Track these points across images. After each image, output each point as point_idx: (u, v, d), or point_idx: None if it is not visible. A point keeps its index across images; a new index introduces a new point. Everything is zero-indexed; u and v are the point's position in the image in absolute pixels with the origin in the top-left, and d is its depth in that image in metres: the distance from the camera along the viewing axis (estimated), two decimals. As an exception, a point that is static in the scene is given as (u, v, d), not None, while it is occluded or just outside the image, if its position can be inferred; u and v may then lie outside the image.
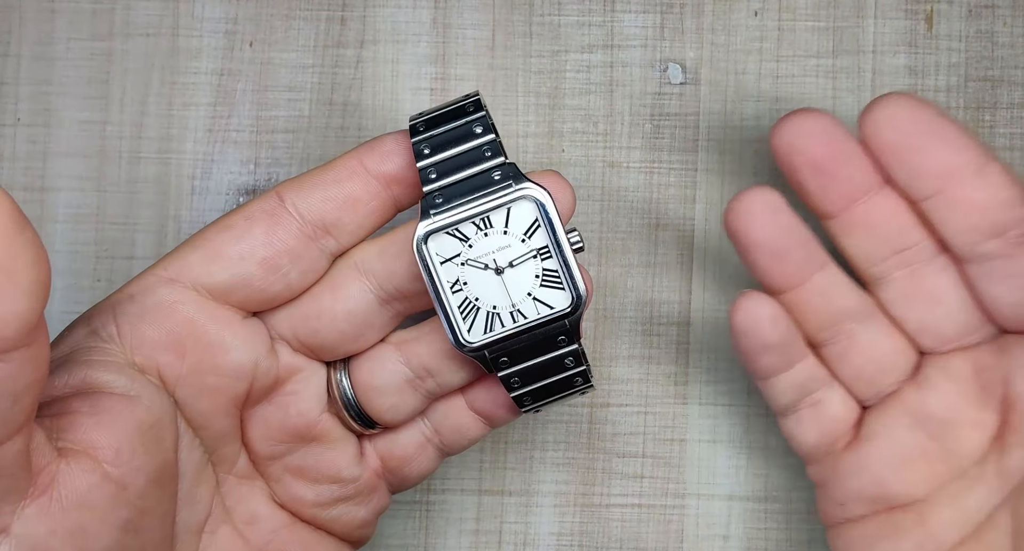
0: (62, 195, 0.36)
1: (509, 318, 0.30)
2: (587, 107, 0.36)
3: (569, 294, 0.30)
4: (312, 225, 0.30)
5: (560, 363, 0.30)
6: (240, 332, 0.30)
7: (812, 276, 0.30)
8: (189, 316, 0.29)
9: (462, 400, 0.32)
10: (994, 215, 0.29)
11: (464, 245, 0.30)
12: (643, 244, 0.36)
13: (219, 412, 0.30)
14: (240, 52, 0.36)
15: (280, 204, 0.30)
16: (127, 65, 0.36)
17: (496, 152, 0.29)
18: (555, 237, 0.29)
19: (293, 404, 0.31)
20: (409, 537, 0.36)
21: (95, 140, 0.36)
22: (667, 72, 0.36)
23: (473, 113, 0.30)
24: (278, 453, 0.31)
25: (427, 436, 0.32)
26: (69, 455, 0.26)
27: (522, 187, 0.29)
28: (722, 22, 0.36)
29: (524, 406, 0.31)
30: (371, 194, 0.30)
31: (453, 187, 0.29)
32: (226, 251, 0.29)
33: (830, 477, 0.32)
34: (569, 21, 0.36)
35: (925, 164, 0.29)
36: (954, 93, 0.36)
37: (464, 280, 0.30)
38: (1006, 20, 0.36)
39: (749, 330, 0.30)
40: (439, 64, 0.36)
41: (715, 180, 0.36)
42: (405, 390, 0.31)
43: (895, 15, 0.36)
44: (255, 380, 0.30)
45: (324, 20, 0.36)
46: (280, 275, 0.29)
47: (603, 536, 0.36)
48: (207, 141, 0.36)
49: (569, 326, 0.30)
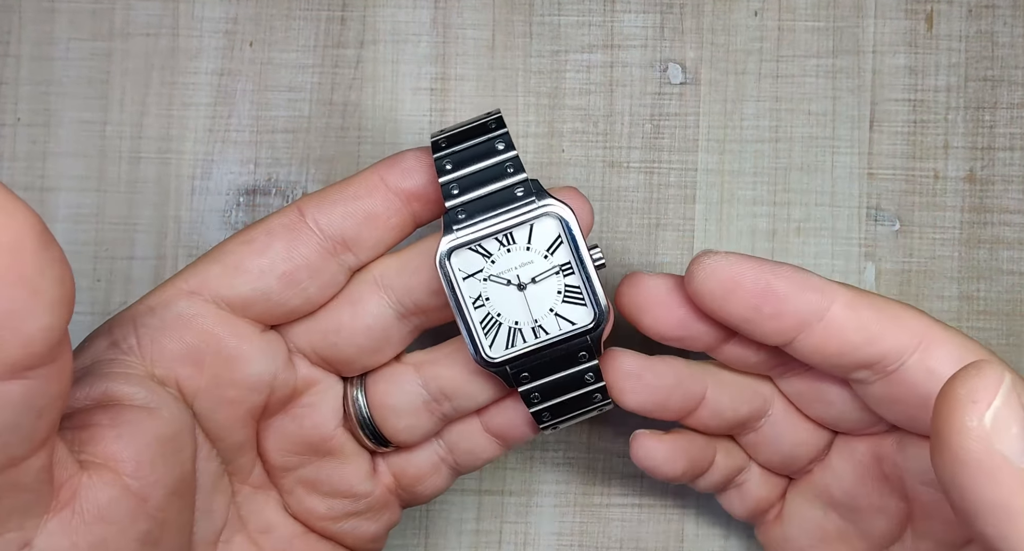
0: (62, 195, 0.36)
1: (531, 334, 0.30)
2: (587, 107, 0.36)
3: (592, 310, 0.30)
4: (332, 240, 0.30)
5: (580, 379, 0.30)
6: (258, 345, 0.30)
7: (694, 412, 0.32)
8: (209, 329, 0.29)
9: (477, 422, 0.32)
10: (853, 358, 0.29)
11: (487, 261, 0.30)
12: (643, 244, 0.36)
13: (236, 424, 0.30)
14: (240, 52, 0.36)
15: (301, 219, 0.30)
16: (127, 65, 0.36)
17: (518, 168, 0.29)
18: (578, 254, 0.29)
19: (309, 416, 0.31)
20: (409, 537, 0.36)
21: (95, 140, 0.36)
22: (667, 72, 0.36)
23: (495, 130, 0.30)
24: (292, 465, 0.31)
25: (441, 456, 0.32)
26: (91, 468, 0.26)
27: (545, 204, 0.29)
28: (722, 22, 0.36)
29: (543, 422, 0.31)
30: (391, 210, 0.30)
31: (476, 203, 0.29)
32: (246, 265, 0.29)
33: (767, 544, 0.34)
34: (569, 21, 0.36)
35: (768, 326, 0.29)
36: (954, 93, 0.36)
37: (486, 296, 0.30)
38: (1006, 20, 0.36)
39: (652, 469, 0.32)
40: (439, 64, 0.36)
41: (715, 180, 0.36)
42: (421, 412, 0.31)
43: (895, 15, 0.36)
44: (272, 392, 0.30)
45: (324, 20, 0.36)
46: (299, 289, 0.29)
47: (603, 536, 0.36)
48: (207, 141, 0.36)
49: (591, 342, 0.30)
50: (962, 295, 0.36)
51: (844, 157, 0.36)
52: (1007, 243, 0.36)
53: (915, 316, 0.29)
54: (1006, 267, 0.36)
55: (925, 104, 0.36)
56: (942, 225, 0.36)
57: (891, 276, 0.36)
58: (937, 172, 0.36)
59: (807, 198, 0.36)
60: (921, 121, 0.36)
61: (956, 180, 0.36)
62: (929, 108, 0.36)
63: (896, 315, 0.29)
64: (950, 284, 0.36)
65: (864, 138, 0.36)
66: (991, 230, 0.36)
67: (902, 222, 0.36)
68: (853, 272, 0.36)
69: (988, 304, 0.36)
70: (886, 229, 0.36)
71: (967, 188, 0.36)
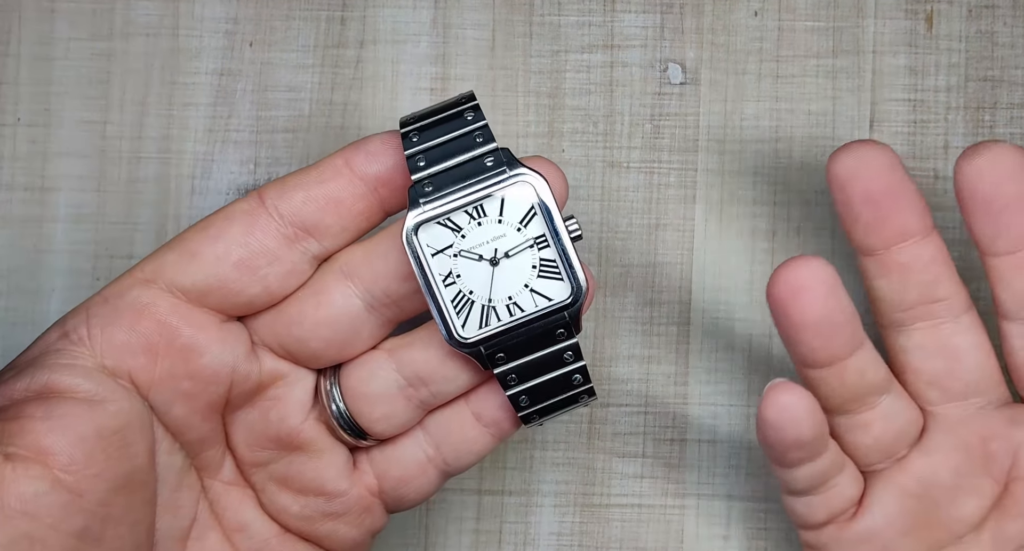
0: (62, 195, 0.36)
1: (505, 311, 0.29)
2: (587, 107, 0.36)
3: (569, 285, 0.29)
4: (293, 226, 0.29)
5: (559, 358, 0.29)
6: (217, 336, 0.29)
7: (854, 353, 0.30)
8: (162, 318, 0.28)
9: (465, 410, 0.31)
10: None
11: (457, 236, 0.29)
12: (642, 244, 0.36)
13: (197, 417, 0.29)
14: (240, 52, 0.36)
15: (260, 204, 0.29)
16: (127, 65, 0.36)
17: (488, 138, 0.28)
18: (552, 225, 0.28)
19: (274, 409, 0.30)
20: (409, 536, 0.36)
21: (95, 140, 0.36)
22: (667, 72, 0.36)
23: (465, 103, 0.29)
24: (262, 460, 0.30)
25: (429, 455, 0.31)
26: (16, 460, 0.25)
27: (517, 173, 0.28)
28: (722, 22, 0.36)
29: (522, 408, 0.30)
30: (356, 195, 0.29)
31: (444, 175, 0.28)
32: (202, 252, 0.28)
33: (830, 544, 0.32)
34: (569, 21, 0.36)
35: (1014, 225, 0.29)
36: (954, 93, 0.36)
37: (457, 272, 0.29)
38: (1006, 20, 0.36)
39: (784, 426, 0.28)
40: (439, 64, 0.36)
41: (715, 180, 0.36)
42: (397, 399, 0.30)
43: (895, 15, 0.36)
44: (234, 385, 0.29)
45: (324, 20, 0.36)
46: (257, 278, 0.29)
47: (603, 536, 0.36)
48: (207, 141, 0.36)
49: (569, 318, 0.29)
50: (962, 295, 0.36)
51: (844, 157, 0.36)
52: (1007, 243, 0.36)
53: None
54: (1006, 267, 0.36)
55: (925, 104, 0.36)
56: (942, 225, 0.36)
57: (891, 276, 0.36)
58: (937, 172, 0.36)
59: (807, 198, 0.36)
60: (921, 121, 0.36)
61: (956, 180, 0.36)
62: (929, 108, 0.36)
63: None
64: (950, 284, 0.36)
65: (864, 138, 0.36)
66: (991, 230, 0.36)
67: (902, 222, 0.36)
68: (854, 272, 0.36)
69: (989, 305, 0.36)
70: (886, 229, 0.36)
71: (967, 188, 0.36)
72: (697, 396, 0.36)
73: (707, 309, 0.36)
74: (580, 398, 0.30)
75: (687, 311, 0.36)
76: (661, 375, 0.36)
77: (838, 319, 0.29)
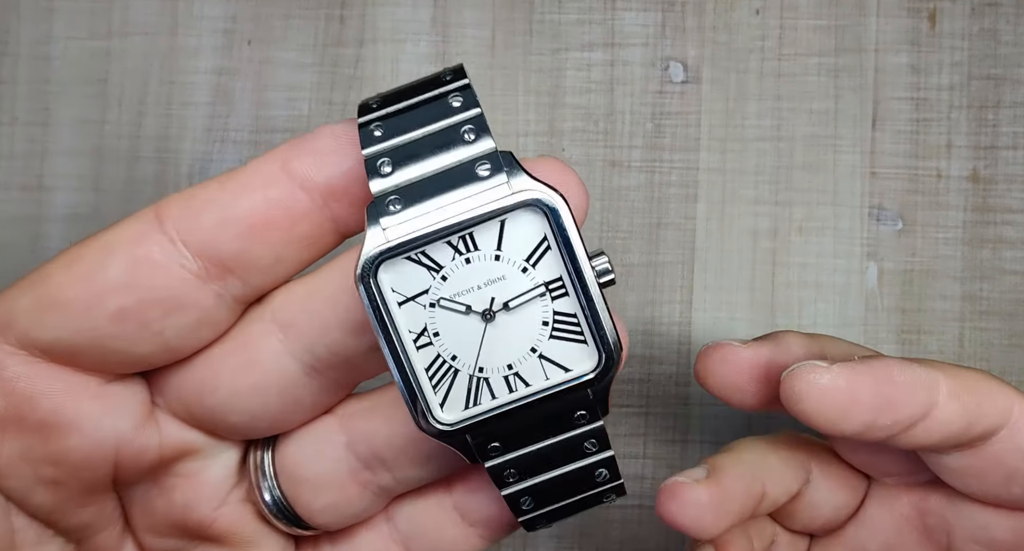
0: (60, 194, 0.36)
1: (503, 386, 0.21)
2: (588, 106, 0.36)
3: (595, 350, 0.21)
4: (203, 259, 0.21)
5: (577, 448, 0.21)
6: (93, 404, 0.21)
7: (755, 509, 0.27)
8: (10, 386, 0.21)
9: (448, 503, 0.23)
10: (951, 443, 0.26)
11: (435, 277, 0.20)
12: (644, 244, 0.36)
13: (71, 503, 0.22)
14: (239, 51, 0.36)
15: (157, 228, 0.21)
16: (125, 64, 0.36)
17: (482, 132, 0.20)
18: (574, 264, 0.20)
19: (181, 491, 0.23)
20: (409, 538, 0.36)
21: (93, 139, 0.36)
22: (668, 70, 0.36)
23: (452, 82, 0.21)
24: (168, 549, 0.23)
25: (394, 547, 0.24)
26: None
27: (522, 188, 0.20)
28: (723, 20, 0.36)
29: (524, 513, 0.22)
30: (296, 213, 0.21)
31: (417, 186, 0.20)
32: (65, 298, 0.20)
33: None
34: (569, 19, 0.36)
35: (878, 434, 0.26)
36: (957, 91, 0.36)
37: (435, 329, 0.20)
38: (1009, 18, 0.36)
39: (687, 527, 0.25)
40: (439, 63, 0.36)
41: (717, 179, 0.36)
42: (348, 486, 0.22)
43: (897, 13, 0.36)
44: (122, 461, 0.22)
45: (323, 19, 0.36)
46: (150, 333, 0.21)
47: (603, 537, 0.36)
48: (206, 140, 0.36)
49: (593, 397, 0.21)
50: (965, 295, 0.36)
51: (846, 156, 0.36)
52: (1010, 243, 0.36)
53: (1001, 390, 0.26)
54: (1009, 267, 0.36)
55: (928, 103, 0.36)
56: (945, 225, 0.36)
57: (893, 276, 0.36)
58: (940, 171, 0.36)
59: (809, 197, 0.36)
60: (924, 120, 0.36)
61: (959, 179, 0.36)
62: (932, 107, 0.36)
63: (986, 393, 0.25)
64: (953, 284, 0.36)
65: (866, 137, 0.36)
66: (994, 230, 0.36)
67: (904, 221, 0.36)
68: (855, 272, 0.36)
69: (991, 304, 0.36)
70: (888, 228, 0.36)
71: (970, 187, 0.36)
72: (698, 397, 0.36)
73: (707, 309, 0.36)
74: (605, 497, 0.23)
75: (688, 311, 0.36)
76: (662, 375, 0.36)
77: (724, 525, 0.25)
